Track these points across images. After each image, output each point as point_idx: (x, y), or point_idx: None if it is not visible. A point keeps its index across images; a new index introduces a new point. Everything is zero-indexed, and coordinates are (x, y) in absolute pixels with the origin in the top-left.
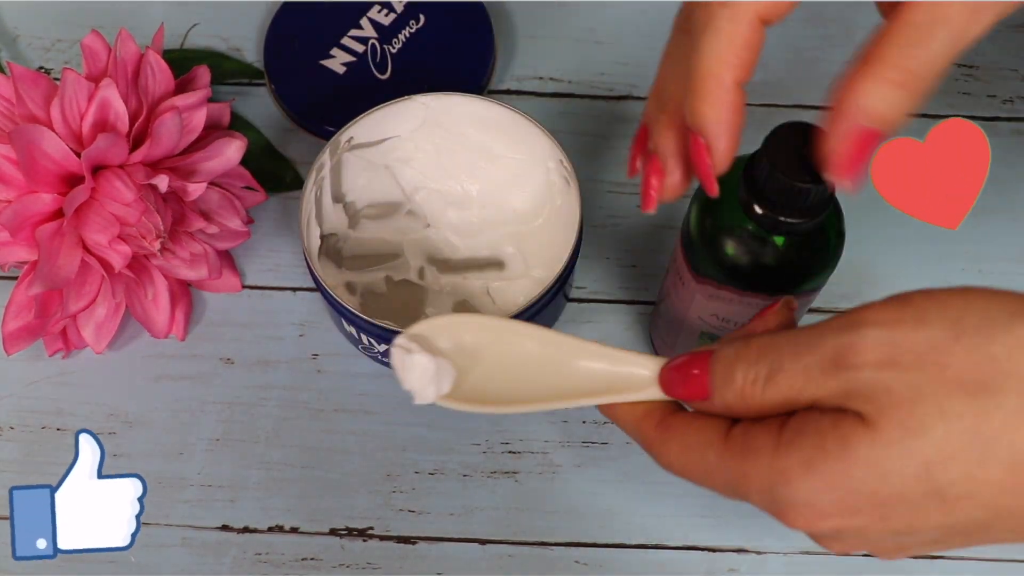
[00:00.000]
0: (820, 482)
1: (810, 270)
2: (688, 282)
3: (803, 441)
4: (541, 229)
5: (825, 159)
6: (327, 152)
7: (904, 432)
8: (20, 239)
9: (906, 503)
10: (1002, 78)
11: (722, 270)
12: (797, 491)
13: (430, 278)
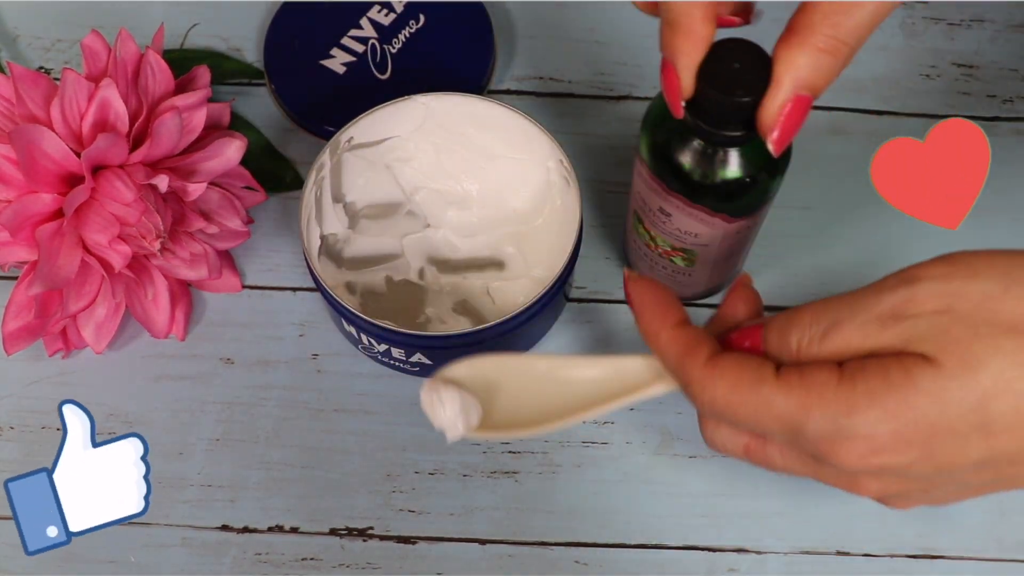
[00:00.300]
0: (883, 412)
1: (756, 181)
2: (647, 180)
3: (868, 374)
4: (541, 229)
5: (760, 123)
6: (327, 152)
7: (964, 367)
8: (20, 239)
9: (955, 436)
10: (1002, 78)
11: (675, 180)
12: (860, 421)
13: (430, 278)
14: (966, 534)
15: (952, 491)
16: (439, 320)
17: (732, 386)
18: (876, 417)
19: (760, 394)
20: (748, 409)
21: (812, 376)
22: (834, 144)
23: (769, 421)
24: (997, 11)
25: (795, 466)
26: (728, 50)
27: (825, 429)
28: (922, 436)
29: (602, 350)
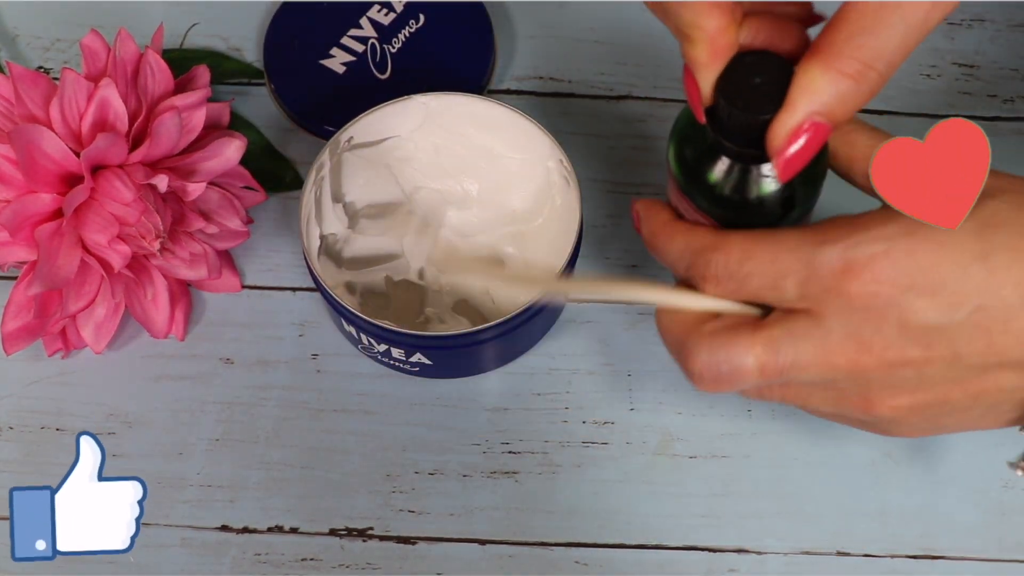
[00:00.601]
0: (856, 239)
1: (796, 192)
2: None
3: (837, 221)
4: (541, 229)
5: (768, 145)
6: (327, 152)
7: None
8: (19, 239)
9: (957, 265)
10: (1002, 78)
11: (702, 197)
12: (832, 250)
13: (430, 278)
14: (966, 534)
15: (955, 385)
16: (439, 320)
17: (745, 240)
18: (849, 244)
19: (776, 240)
20: (766, 256)
21: (825, 220)
22: None
23: (785, 256)
24: (997, 11)
25: (813, 361)
26: (751, 62)
27: (837, 253)
28: (927, 262)
29: (602, 350)
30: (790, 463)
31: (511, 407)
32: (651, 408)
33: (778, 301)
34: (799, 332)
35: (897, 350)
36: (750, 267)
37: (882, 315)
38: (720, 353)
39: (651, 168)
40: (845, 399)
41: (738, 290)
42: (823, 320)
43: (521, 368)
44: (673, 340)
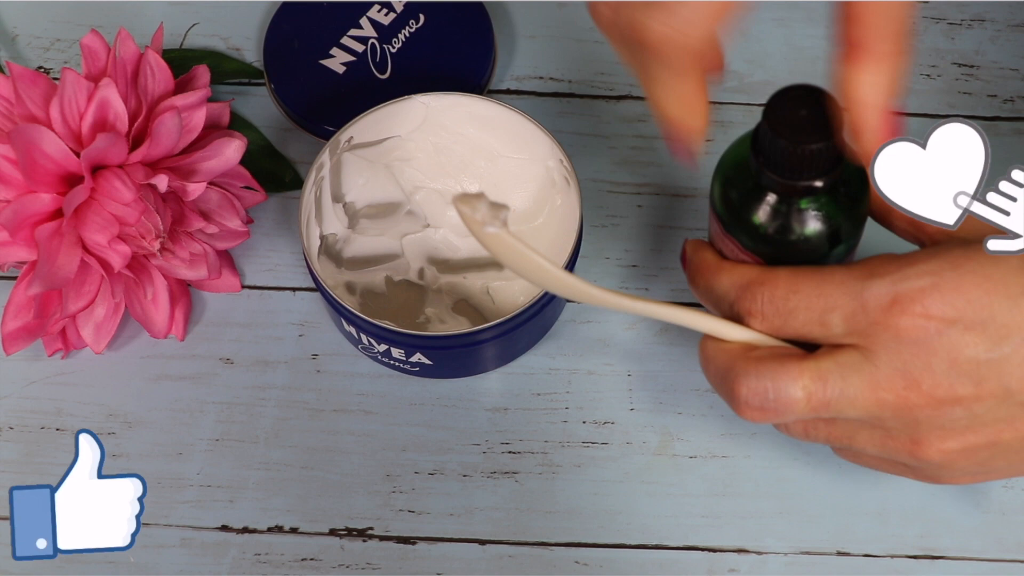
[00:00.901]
0: (900, 274)
1: (842, 227)
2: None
3: (878, 258)
4: (541, 229)
5: (858, 151)
6: (327, 152)
7: None
8: (19, 239)
9: (1007, 297)
10: (1002, 78)
11: (747, 236)
12: (879, 283)
13: (430, 278)
14: (966, 534)
15: (1006, 424)
16: (439, 320)
17: (792, 276)
18: (894, 279)
19: (822, 275)
20: (812, 290)
21: (872, 257)
22: None
23: (833, 291)
24: (998, 11)
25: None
26: (795, 96)
27: (886, 288)
28: (975, 295)
29: (602, 350)
30: (790, 463)
31: (511, 407)
32: (651, 408)
33: (824, 337)
34: (848, 365)
35: (947, 387)
36: (796, 301)
37: (931, 350)
38: (767, 380)
39: (651, 168)
40: (892, 440)
41: (784, 326)
42: (871, 355)
43: (521, 368)
44: (718, 367)
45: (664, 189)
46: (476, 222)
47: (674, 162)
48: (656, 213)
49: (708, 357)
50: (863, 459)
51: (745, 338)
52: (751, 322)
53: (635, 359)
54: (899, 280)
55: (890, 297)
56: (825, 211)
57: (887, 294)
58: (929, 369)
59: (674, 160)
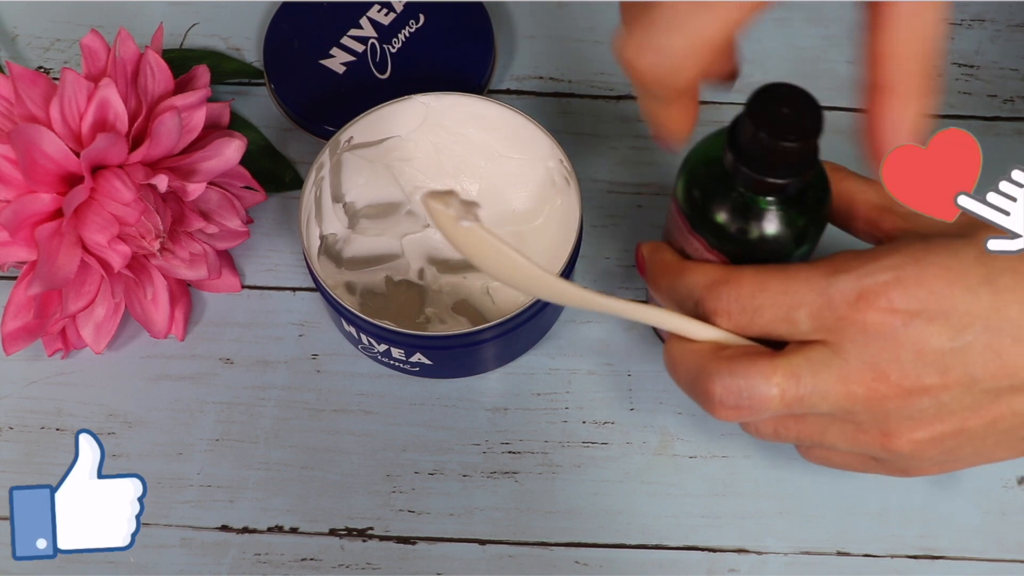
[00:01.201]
0: (866, 269)
1: (808, 228)
2: (684, 233)
3: (840, 254)
4: (541, 229)
5: (875, 175)
6: (327, 152)
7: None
8: (19, 239)
9: (966, 288)
10: (1002, 78)
11: (714, 235)
12: (845, 279)
13: (430, 278)
14: (966, 534)
15: (971, 412)
16: (439, 320)
17: (757, 274)
18: (860, 274)
19: (787, 273)
20: (778, 288)
21: (832, 256)
22: (834, 144)
23: (799, 288)
24: (997, 11)
25: (830, 383)
26: (776, 95)
27: (851, 283)
28: (936, 287)
29: (602, 350)
30: (790, 463)
31: (511, 407)
32: (651, 408)
33: (791, 334)
34: (818, 360)
35: (914, 378)
36: (763, 299)
37: (897, 342)
38: (741, 378)
39: (651, 168)
40: (863, 433)
41: (750, 323)
42: (840, 349)
43: (521, 368)
44: (687, 369)
45: (664, 189)
46: (449, 217)
47: (675, 161)
48: (656, 213)
49: (675, 359)
50: (833, 458)
51: (712, 337)
52: (717, 321)
53: (635, 359)
54: (863, 276)
55: (855, 292)
56: (793, 211)
57: (852, 289)
58: (896, 361)
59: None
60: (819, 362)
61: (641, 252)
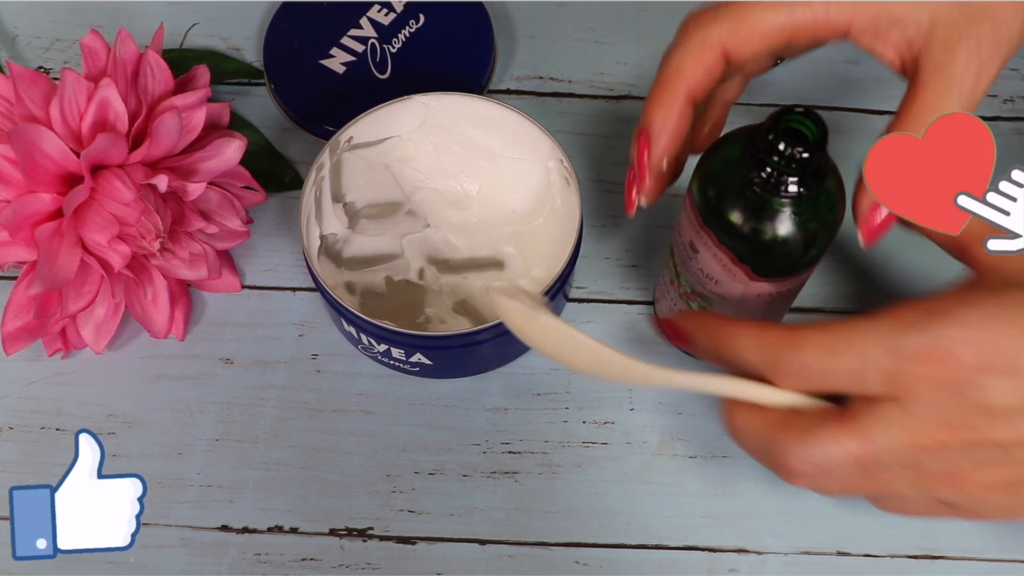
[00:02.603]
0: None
1: (818, 234)
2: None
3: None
4: (541, 229)
5: (855, 217)
6: (327, 152)
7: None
8: (19, 239)
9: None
10: (1002, 78)
11: (725, 232)
12: (916, 336)
13: (430, 278)
14: (966, 534)
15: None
16: (439, 320)
17: (823, 336)
18: (964, 319)
19: (854, 332)
20: (848, 350)
21: (897, 304)
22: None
23: (870, 349)
24: None
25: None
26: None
27: (921, 340)
28: (1005, 345)
29: None
30: None
31: (511, 407)
32: (651, 408)
33: (861, 392)
34: (887, 419)
35: (982, 432)
36: (832, 364)
37: (965, 398)
38: (814, 448)
39: None
40: (932, 479)
41: (818, 385)
42: (908, 404)
43: (521, 368)
44: (758, 439)
45: None
46: (523, 314)
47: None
48: (656, 213)
49: (741, 428)
50: (905, 505)
51: (781, 402)
52: (784, 382)
53: None
54: (935, 334)
55: (926, 349)
56: (806, 216)
57: (923, 347)
58: (964, 416)
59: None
60: (889, 420)
61: (680, 324)
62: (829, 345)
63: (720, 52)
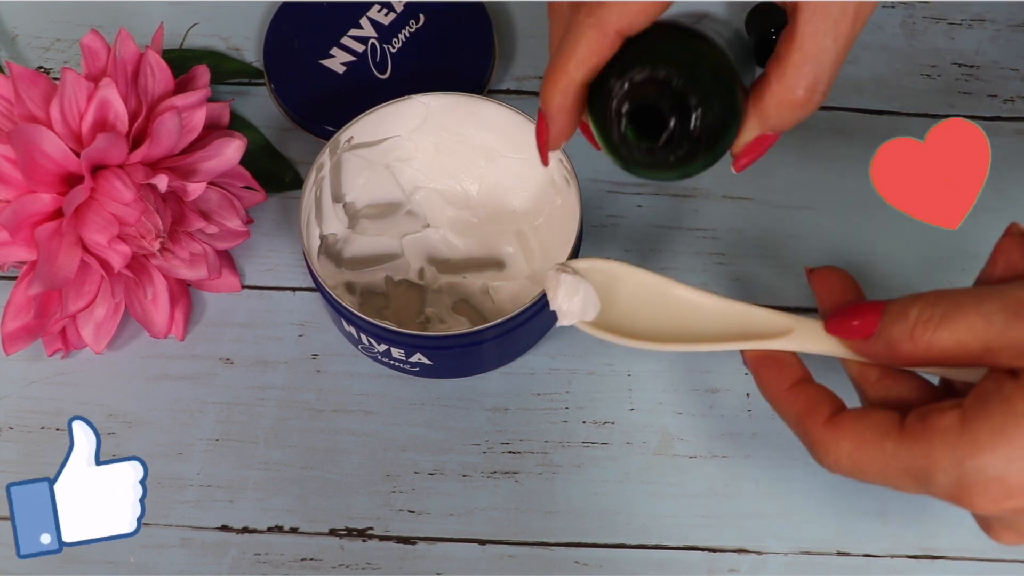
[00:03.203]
0: (1013, 449)
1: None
2: None
3: (990, 408)
4: (541, 229)
5: (732, 153)
6: (327, 152)
7: None
8: (19, 239)
9: None
10: (1002, 78)
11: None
12: (988, 462)
13: (430, 278)
14: (966, 534)
15: None
16: (439, 320)
17: (857, 444)
18: (1005, 455)
19: (885, 450)
20: (875, 467)
21: (935, 422)
22: (834, 144)
23: (898, 476)
24: (998, 11)
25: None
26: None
27: (952, 478)
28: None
29: (602, 350)
30: (790, 463)
31: (511, 407)
32: (651, 408)
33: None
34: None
35: None
36: (866, 476)
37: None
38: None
39: None
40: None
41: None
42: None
43: (521, 368)
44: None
45: (664, 189)
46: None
47: None
48: (656, 213)
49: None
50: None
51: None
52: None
53: (635, 359)
54: (968, 475)
55: (960, 487)
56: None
57: (956, 481)
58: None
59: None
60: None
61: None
62: (860, 446)
63: (615, 35)
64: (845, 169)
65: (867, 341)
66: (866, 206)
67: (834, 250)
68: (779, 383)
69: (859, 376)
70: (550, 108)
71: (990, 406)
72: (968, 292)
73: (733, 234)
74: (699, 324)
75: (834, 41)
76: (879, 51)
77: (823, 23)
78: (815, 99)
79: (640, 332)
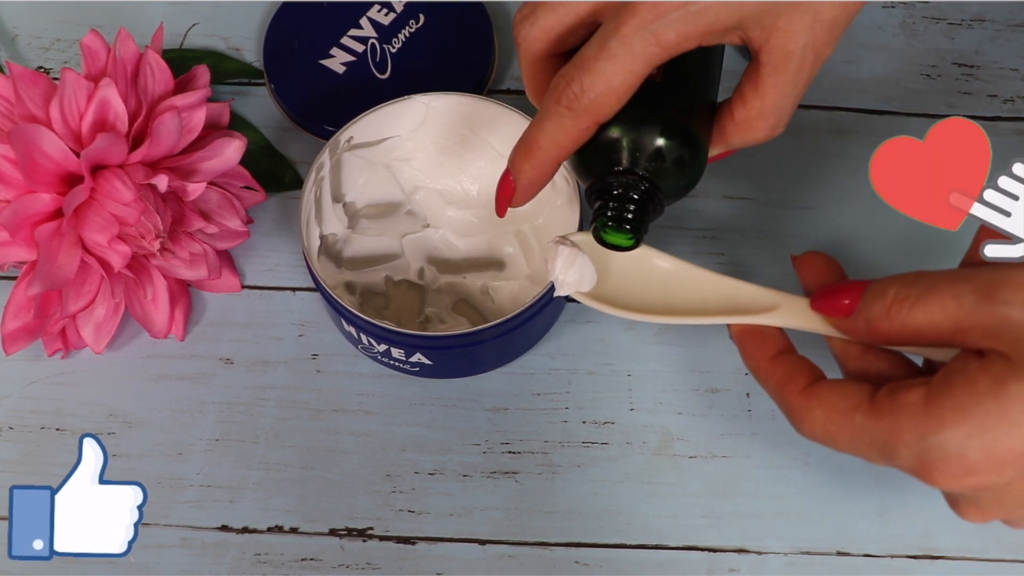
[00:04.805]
0: (974, 426)
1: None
2: None
3: (954, 387)
4: (541, 229)
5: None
6: (327, 152)
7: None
8: (19, 239)
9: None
10: (1002, 78)
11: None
12: (949, 439)
13: (430, 278)
14: (966, 534)
15: None
16: (439, 320)
17: (829, 414)
18: (966, 433)
19: (854, 421)
20: (845, 437)
21: (902, 397)
22: (834, 144)
23: (866, 448)
24: (998, 11)
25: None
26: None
27: (915, 452)
28: (1016, 454)
29: (602, 350)
30: (790, 463)
31: (511, 407)
32: (651, 408)
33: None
34: None
35: None
36: (837, 445)
37: None
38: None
39: None
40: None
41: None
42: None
43: (521, 368)
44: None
45: None
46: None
47: None
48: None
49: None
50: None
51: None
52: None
53: (635, 359)
54: (930, 451)
55: (922, 462)
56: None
57: (919, 456)
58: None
59: None
60: None
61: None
62: (832, 416)
63: (592, 124)
64: (845, 169)
65: (848, 319)
66: (866, 206)
67: (834, 250)
68: (761, 354)
69: (841, 352)
70: (520, 178)
71: (954, 385)
72: (945, 274)
73: (733, 234)
74: (690, 297)
75: (794, 87)
76: (879, 51)
77: (785, 75)
78: (776, 133)
79: (632, 304)
